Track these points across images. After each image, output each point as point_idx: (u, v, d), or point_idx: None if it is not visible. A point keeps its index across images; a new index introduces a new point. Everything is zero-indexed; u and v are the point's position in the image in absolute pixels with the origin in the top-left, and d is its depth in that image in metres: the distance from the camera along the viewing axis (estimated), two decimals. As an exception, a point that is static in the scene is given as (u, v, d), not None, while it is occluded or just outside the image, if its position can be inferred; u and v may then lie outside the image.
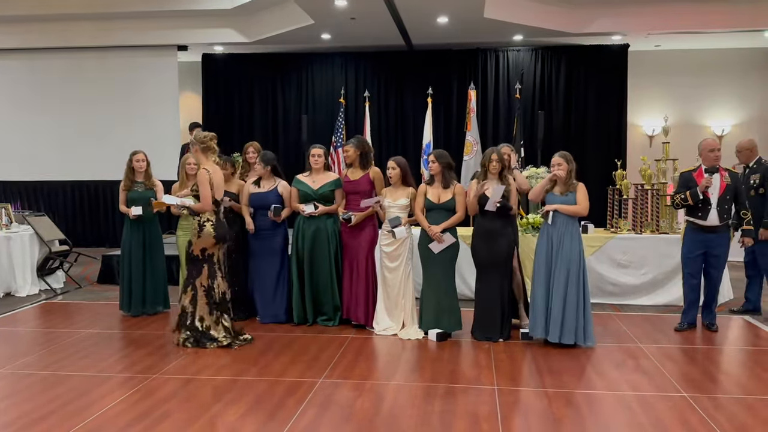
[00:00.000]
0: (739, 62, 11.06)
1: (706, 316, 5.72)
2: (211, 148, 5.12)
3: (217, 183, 5.11)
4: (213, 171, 5.10)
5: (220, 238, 5.15)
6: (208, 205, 5.07)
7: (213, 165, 5.15)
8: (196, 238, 5.12)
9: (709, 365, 4.80)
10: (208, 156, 5.14)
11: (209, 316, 5.16)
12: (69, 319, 6.33)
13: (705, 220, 5.49)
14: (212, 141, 5.14)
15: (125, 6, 10.08)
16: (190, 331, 5.17)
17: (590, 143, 11.00)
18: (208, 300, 5.15)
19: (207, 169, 5.07)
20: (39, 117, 11.18)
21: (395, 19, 9.44)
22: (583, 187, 5.20)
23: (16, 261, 7.39)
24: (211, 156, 5.15)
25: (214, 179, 5.08)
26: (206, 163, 5.13)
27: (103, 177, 10.80)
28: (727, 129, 11.18)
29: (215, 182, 5.08)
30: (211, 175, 5.05)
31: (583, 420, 3.75)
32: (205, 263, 5.15)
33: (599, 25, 9.80)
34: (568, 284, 5.03)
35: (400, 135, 11.51)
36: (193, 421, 3.73)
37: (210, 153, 5.13)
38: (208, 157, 5.14)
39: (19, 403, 4.03)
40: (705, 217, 5.49)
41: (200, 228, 5.10)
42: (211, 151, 5.13)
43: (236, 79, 11.74)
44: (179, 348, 5.13)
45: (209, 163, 5.13)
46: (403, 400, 4.05)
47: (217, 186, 5.10)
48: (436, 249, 5.34)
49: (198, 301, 5.15)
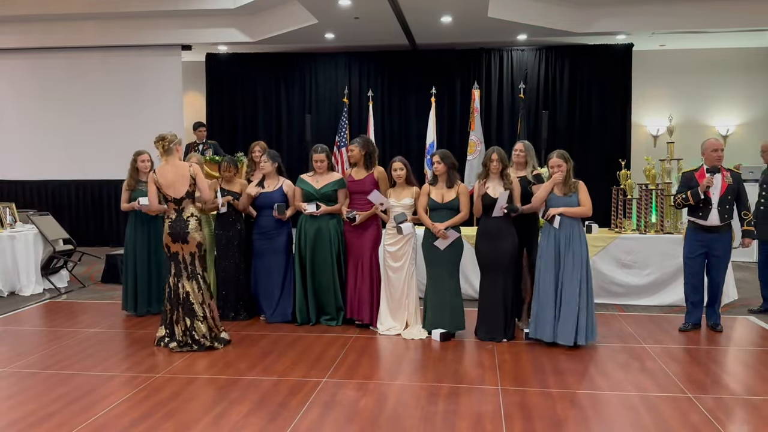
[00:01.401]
0: (744, 62, 11.02)
1: (710, 317, 5.70)
2: (170, 151, 5.09)
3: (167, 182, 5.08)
4: (161, 173, 5.10)
5: (173, 237, 5.10)
6: (154, 204, 5.20)
7: (167, 166, 5.10)
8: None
9: (714, 366, 4.78)
10: (168, 157, 5.11)
11: (173, 315, 5.14)
12: (73, 318, 6.34)
13: (705, 220, 5.48)
14: (173, 144, 5.10)
15: (129, 6, 10.10)
16: (167, 328, 5.20)
17: (594, 143, 10.98)
18: (168, 297, 5.16)
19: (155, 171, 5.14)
20: (43, 116, 11.21)
21: (399, 19, 9.44)
22: (584, 186, 5.18)
23: (21, 260, 7.41)
24: (171, 157, 5.10)
25: (161, 181, 5.08)
26: (164, 163, 5.13)
27: (107, 176, 10.81)
28: (731, 129, 11.15)
29: (162, 183, 5.08)
30: (157, 177, 5.09)
31: (587, 421, 3.74)
32: (171, 260, 5.16)
33: (603, 24, 9.78)
34: (580, 286, 5.03)
35: (404, 134, 11.51)
36: (197, 420, 3.74)
37: (168, 154, 5.09)
38: (168, 160, 5.11)
39: (23, 402, 4.04)
40: (705, 217, 5.48)
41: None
42: (169, 153, 5.09)
43: (240, 79, 11.75)
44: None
45: (167, 163, 5.10)
46: (406, 400, 4.05)
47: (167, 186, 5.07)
48: (442, 245, 5.33)
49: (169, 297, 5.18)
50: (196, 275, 5.13)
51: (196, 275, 5.13)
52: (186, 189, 5.07)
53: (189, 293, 5.10)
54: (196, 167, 5.18)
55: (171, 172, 5.08)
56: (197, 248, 5.11)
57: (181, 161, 5.18)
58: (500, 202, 5.17)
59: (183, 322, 5.10)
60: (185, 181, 5.07)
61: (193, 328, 5.08)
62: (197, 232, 5.10)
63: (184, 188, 5.07)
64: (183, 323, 5.10)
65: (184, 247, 5.10)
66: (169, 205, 5.13)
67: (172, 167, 5.10)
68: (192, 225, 5.08)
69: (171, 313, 5.16)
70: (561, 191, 5.17)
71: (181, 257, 5.11)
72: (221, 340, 5.21)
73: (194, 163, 5.29)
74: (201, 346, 5.07)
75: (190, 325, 5.09)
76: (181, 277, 5.12)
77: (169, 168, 5.09)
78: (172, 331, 5.16)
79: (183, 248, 5.10)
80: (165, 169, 5.10)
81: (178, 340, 5.10)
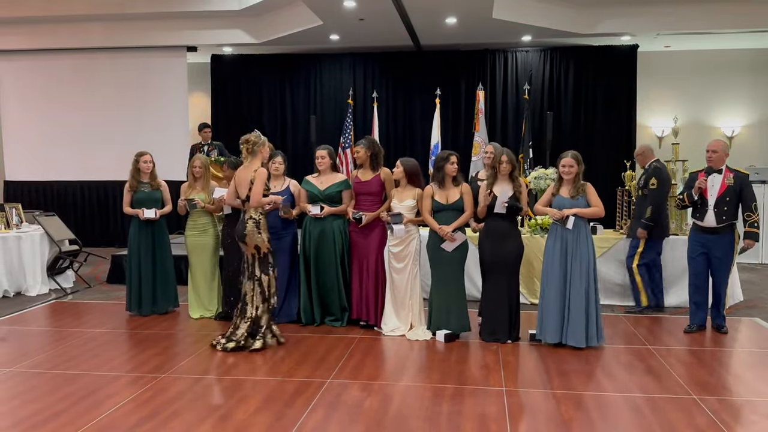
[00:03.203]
0: (749, 63, 10.98)
1: (714, 318, 5.69)
2: (255, 153, 5.16)
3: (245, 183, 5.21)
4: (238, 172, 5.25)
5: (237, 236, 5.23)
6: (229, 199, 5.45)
7: (244, 167, 5.21)
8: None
9: (719, 367, 4.78)
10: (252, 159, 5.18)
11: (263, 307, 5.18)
12: (79, 318, 6.36)
13: (702, 221, 5.50)
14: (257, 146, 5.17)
15: (135, 7, 10.12)
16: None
17: (599, 144, 10.95)
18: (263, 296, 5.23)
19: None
20: (49, 117, 11.25)
21: (403, 20, 9.45)
22: (592, 188, 5.18)
23: (27, 261, 7.44)
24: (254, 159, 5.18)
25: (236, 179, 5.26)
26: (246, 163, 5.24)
27: (112, 177, 10.81)
28: (737, 130, 11.11)
29: (236, 182, 5.25)
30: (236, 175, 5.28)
31: (591, 422, 3.74)
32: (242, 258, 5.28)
33: (608, 25, 9.77)
34: (588, 287, 5.03)
35: (408, 135, 11.51)
36: (203, 420, 3.75)
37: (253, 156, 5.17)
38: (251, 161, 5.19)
39: (29, 401, 4.06)
40: (702, 218, 5.51)
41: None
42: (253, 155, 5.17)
43: (245, 80, 11.77)
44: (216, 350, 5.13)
45: (248, 165, 5.20)
46: (411, 400, 4.06)
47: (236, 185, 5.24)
48: (449, 248, 5.33)
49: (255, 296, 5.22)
50: (254, 277, 5.18)
51: (254, 277, 5.18)
52: (246, 192, 5.15)
53: (246, 293, 5.20)
54: (261, 171, 5.13)
55: (243, 173, 5.18)
56: (255, 251, 5.16)
57: (253, 164, 5.17)
58: (501, 197, 5.17)
59: (236, 320, 5.20)
60: (247, 184, 5.14)
61: (238, 327, 5.17)
62: (256, 235, 5.11)
63: (245, 191, 5.16)
64: (236, 322, 5.20)
65: (244, 248, 5.20)
66: (245, 204, 5.21)
67: (246, 169, 5.19)
68: (249, 227, 5.12)
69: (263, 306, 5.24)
70: (569, 193, 5.16)
71: (246, 257, 5.21)
72: (262, 341, 5.14)
73: (261, 168, 5.17)
74: (237, 345, 5.07)
75: (239, 323, 5.18)
76: (244, 276, 5.22)
77: (245, 169, 5.19)
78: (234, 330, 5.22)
79: (245, 248, 5.19)
80: (242, 169, 5.22)
81: (233, 340, 5.13)
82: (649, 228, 6.23)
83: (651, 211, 6.18)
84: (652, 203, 6.20)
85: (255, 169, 5.12)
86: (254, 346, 5.06)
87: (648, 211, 6.19)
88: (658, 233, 6.31)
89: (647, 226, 6.22)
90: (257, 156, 5.16)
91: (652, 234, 6.27)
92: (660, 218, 6.26)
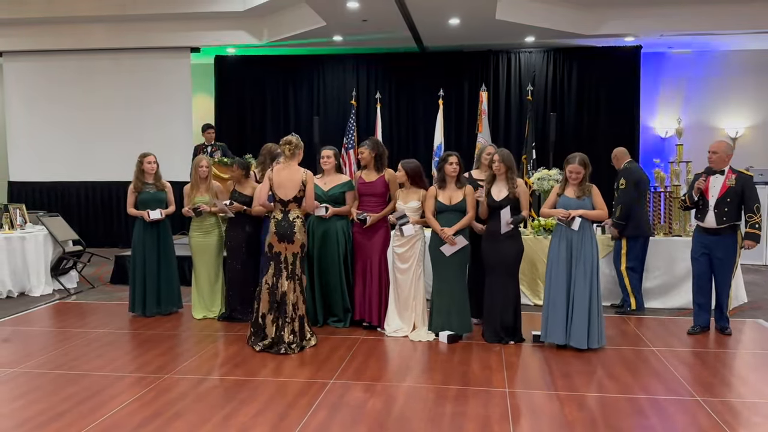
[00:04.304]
0: (753, 64, 10.97)
1: (718, 320, 5.67)
2: (294, 155, 5.20)
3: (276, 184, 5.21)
4: (277, 172, 5.23)
5: (279, 237, 5.18)
6: (261, 198, 5.34)
7: (284, 168, 5.21)
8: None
9: (722, 369, 4.77)
10: (291, 161, 5.21)
11: (269, 315, 5.17)
12: (82, 319, 6.37)
13: (703, 221, 5.51)
14: (298, 149, 5.21)
15: (138, 8, 10.16)
16: (253, 327, 5.23)
17: (603, 145, 10.84)
18: (258, 296, 5.24)
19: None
20: (53, 118, 11.29)
21: (407, 21, 9.45)
22: (597, 190, 5.18)
23: (30, 261, 7.45)
24: (293, 160, 5.21)
25: (275, 179, 5.22)
26: (283, 164, 5.26)
27: (116, 178, 10.86)
28: (741, 131, 11.09)
29: (275, 182, 5.22)
30: (272, 175, 5.24)
31: (595, 423, 3.73)
32: (272, 260, 5.22)
33: (612, 26, 9.76)
34: (591, 289, 5.02)
35: (411, 137, 11.52)
36: (206, 420, 3.75)
37: (292, 158, 5.20)
38: (289, 163, 5.21)
39: (33, 402, 4.07)
40: (703, 219, 5.51)
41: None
42: (293, 157, 5.20)
43: (248, 81, 11.79)
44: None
45: (286, 166, 5.22)
46: (414, 402, 4.06)
47: (277, 186, 5.21)
48: (448, 252, 5.33)
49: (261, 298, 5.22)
50: (295, 276, 5.20)
51: (295, 276, 5.20)
52: (295, 194, 5.16)
53: (285, 293, 5.17)
54: (310, 175, 5.20)
55: (285, 175, 5.18)
56: (300, 249, 5.19)
57: (297, 167, 5.21)
58: (504, 218, 5.16)
59: (276, 321, 5.16)
60: (295, 186, 5.15)
61: (283, 329, 5.13)
62: (302, 233, 5.18)
63: (293, 192, 5.16)
64: (276, 323, 5.16)
65: (288, 247, 5.17)
66: (275, 205, 5.22)
67: (288, 170, 5.19)
68: (298, 226, 5.15)
69: (257, 312, 5.21)
70: (575, 194, 5.15)
71: (284, 257, 5.18)
72: (303, 346, 5.18)
73: (308, 171, 5.22)
74: (289, 348, 5.06)
75: (281, 325, 5.14)
76: (280, 277, 5.18)
77: (285, 170, 5.19)
78: (257, 330, 5.20)
79: (287, 248, 5.17)
80: (281, 169, 5.21)
81: (268, 340, 5.12)
82: (620, 227, 6.32)
83: (620, 210, 6.27)
84: (621, 202, 6.28)
85: (303, 171, 5.17)
86: (311, 344, 5.21)
87: (618, 210, 6.29)
88: (634, 232, 6.33)
89: (617, 225, 6.32)
90: (295, 158, 5.21)
91: (626, 233, 6.32)
92: (634, 217, 6.30)
